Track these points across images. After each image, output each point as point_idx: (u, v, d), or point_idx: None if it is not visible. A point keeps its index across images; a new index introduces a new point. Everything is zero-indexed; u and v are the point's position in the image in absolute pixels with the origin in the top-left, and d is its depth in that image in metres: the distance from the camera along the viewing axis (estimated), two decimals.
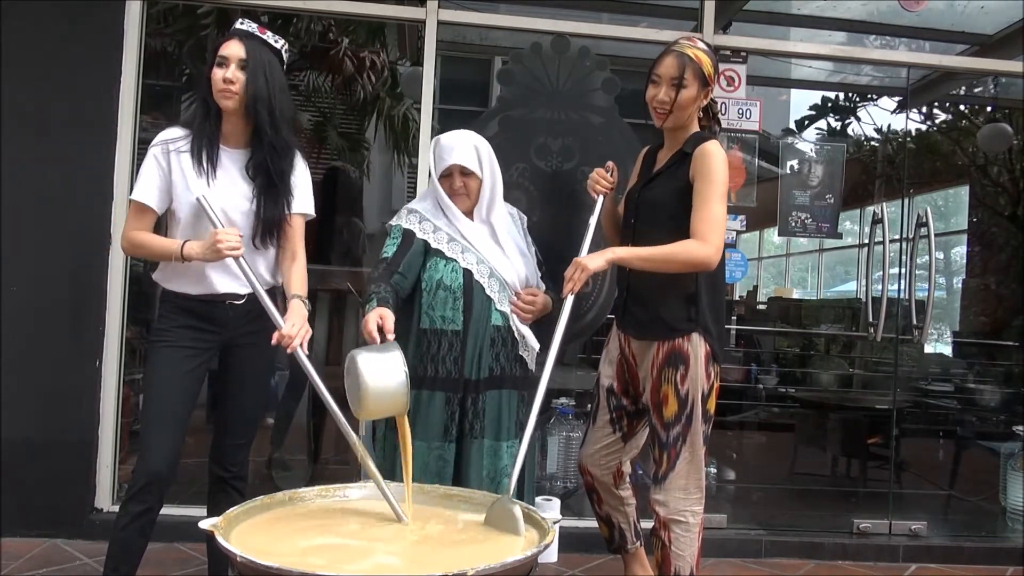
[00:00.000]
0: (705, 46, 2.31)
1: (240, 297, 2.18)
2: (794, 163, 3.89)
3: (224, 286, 2.16)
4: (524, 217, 2.62)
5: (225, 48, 2.11)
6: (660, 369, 2.27)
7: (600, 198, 2.44)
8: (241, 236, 2.05)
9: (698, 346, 2.25)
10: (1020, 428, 3.99)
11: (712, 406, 2.31)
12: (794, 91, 6.55)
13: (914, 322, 3.80)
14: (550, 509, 3.10)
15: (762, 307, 7.61)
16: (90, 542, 3.01)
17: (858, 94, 6.29)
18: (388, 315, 2.04)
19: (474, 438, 2.30)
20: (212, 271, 2.14)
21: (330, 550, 1.64)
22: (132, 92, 3.20)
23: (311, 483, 1.91)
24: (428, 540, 1.72)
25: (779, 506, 4.02)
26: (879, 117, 6.57)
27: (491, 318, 2.33)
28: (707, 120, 2.40)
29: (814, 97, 6.41)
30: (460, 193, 2.36)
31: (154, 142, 2.17)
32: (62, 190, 3.12)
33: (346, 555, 1.63)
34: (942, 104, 6.81)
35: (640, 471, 3.45)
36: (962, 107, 6.90)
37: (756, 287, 8.85)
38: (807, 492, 4.35)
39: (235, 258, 2.01)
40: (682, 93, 2.24)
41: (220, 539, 1.52)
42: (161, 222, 2.21)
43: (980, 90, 6.12)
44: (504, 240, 2.41)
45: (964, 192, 7.68)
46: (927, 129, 7.00)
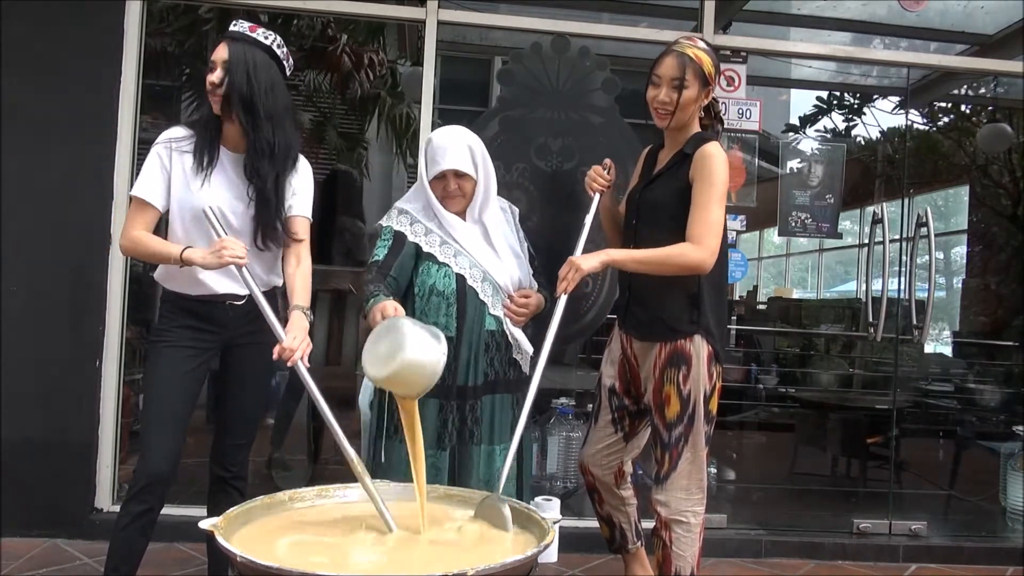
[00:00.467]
0: (705, 45, 2.30)
1: (240, 298, 2.17)
2: (794, 163, 3.90)
3: (223, 287, 2.16)
4: (516, 209, 2.58)
5: (214, 52, 2.12)
6: (662, 369, 2.27)
7: (597, 196, 2.43)
8: (247, 248, 2.04)
9: (700, 347, 2.25)
10: (1020, 428, 3.99)
11: (714, 406, 2.31)
12: (794, 91, 6.56)
13: (914, 322, 3.80)
14: (550, 509, 3.10)
15: (762, 307, 7.61)
16: (90, 542, 3.01)
17: (858, 94, 6.29)
18: (398, 307, 2.04)
19: (474, 444, 2.29)
20: (211, 272, 2.14)
21: (304, 547, 1.63)
22: (132, 92, 3.20)
23: (311, 483, 1.90)
24: (413, 540, 1.72)
25: (779, 506, 4.02)
26: (879, 117, 6.58)
27: (485, 323, 2.31)
28: (709, 119, 2.40)
29: (814, 97, 6.41)
30: (455, 195, 2.33)
31: (158, 140, 2.18)
32: (62, 190, 3.12)
33: (315, 552, 1.62)
34: (942, 104, 6.81)
35: (641, 471, 3.45)
36: (962, 107, 6.91)
37: (756, 287, 8.86)
38: (807, 492, 4.35)
39: (239, 266, 1.99)
40: (683, 94, 2.24)
41: (220, 539, 1.52)
42: (160, 224, 2.21)
43: (980, 90, 6.11)
44: (497, 241, 2.38)
45: (964, 192, 7.69)
46: (927, 129, 7.00)
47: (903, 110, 5.80)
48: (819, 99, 6.37)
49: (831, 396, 4.93)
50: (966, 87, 6.17)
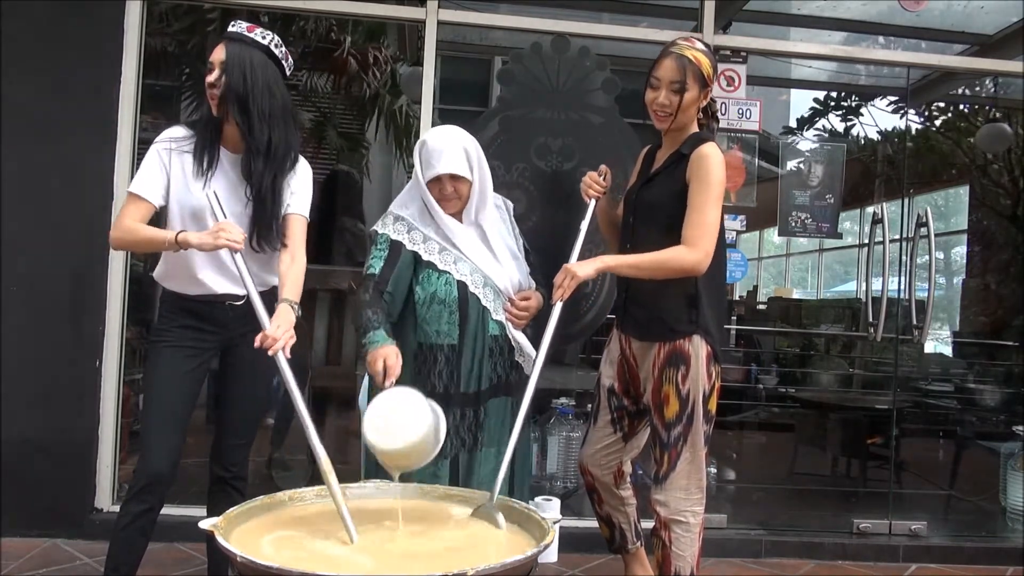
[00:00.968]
0: (704, 46, 2.29)
1: (239, 298, 2.17)
2: (794, 163, 3.90)
3: (221, 287, 2.16)
4: (510, 204, 2.54)
5: (212, 53, 2.12)
6: (661, 369, 2.27)
7: (592, 202, 2.41)
8: (245, 235, 2.03)
9: (699, 347, 2.25)
10: (1020, 428, 3.99)
11: (713, 406, 2.30)
12: (794, 91, 6.57)
13: (914, 322, 3.80)
14: (550, 509, 3.09)
15: (762, 307, 7.62)
16: (90, 542, 3.01)
17: (858, 94, 6.29)
18: (399, 355, 2.03)
19: (477, 449, 2.28)
20: (209, 272, 2.14)
21: (285, 544, 1.63)
22: (132, 92, 3.20)
23: (311, 483, 1.90)
24: (398, 539, 1.73)
25: (779, 506, 4.02)
26: (879, 117, 6.58)
27: (488, 329, 2.29)
28: (706, 119, 2.39)
29: (814, 97, 6.42)
30: (451, 198, 2.29)
31: (158, 139, 2.17)
32: (62, 190, 3.12)
33: (300, 550, 1.62)
34: (942, 104, 6.81)
35: (640, 471, 3.45)
36: (962, 107, 6.91)
37: (756, 287, 8.87)
38: (807, 492, 4.35)
39: (232, 251, 1.96)
40: (683, 96, 2.23)
41: (220, 539, 1.52)
42: (159, 224, 2.19)
43: (980, 90, 6.12)
44: (495, 244, 2.35)
45: (964, 192, 7.69)
46: (927, 129, 7.00)
47: (903, 110, 5.81)
48: (819, 99, 6.37)
49: (831, 396, 4.93)
50: (966, 87, 6.16)
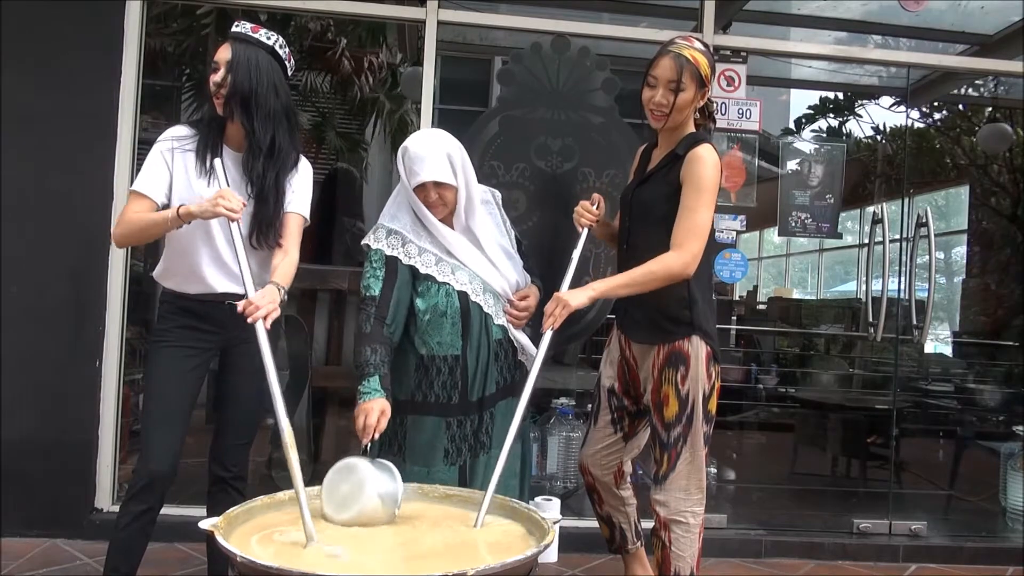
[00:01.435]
0: (702, 46, 2.27)
1: (238, 298, 2.17)
2: (794, 163, 3.89)
3: (222, 286, 2.16)
4: (497, 194, 2.48)
5: (217, 52, 2.13)
6: (661, 369, 2.27)
7: (584, 231, 2.39)
8: (245, 204, 2.04)
9: (699, 347, 2.25)
10: (1020, 428, 4.00)
11: (713, 407, 2.30)
12: (794, 91, 6.57)
13: (914, 322, 3.80)
14: (550, 509, 3.10)
15: (762, 307, 7.61)
16: (90, 542, 3.01)
17: (858, 94, 6.29)
18: (387, 412, 2.02)
19: (484, 452, 2.27)
20: (212, 269, 2.15)
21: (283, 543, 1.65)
22: (132, 92, 3.20)
23: (311, 483, 1.90)
24: (398, 539, 1.73)
25: (779, 506, 4.02)
26: (879, 117, 6.59)
27: (492, 334, 2.28)
28: (703, 118, 2.38)
29: (814, 97, 6.42)
30: (436, 205, 2.24)
31: (161, 138, 2.18)
32: (62, 190, 3.12)
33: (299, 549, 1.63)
34: (942, 104, 6.81)
35: (640, 471, 3.45)
36: (962, 107, 6.91)
37: (756, 287, 8.86)
38: (807, 492, 4.35)
39: (229, 220, 1.97)
40: (680, 96, 2.22)
41: (220, 539, 1.52)
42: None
43: (980, 90, 6.11)
44: (490, 249, 2.32)
45: (964, 192, 7.69)
46: (927, 129, 7.01)
47: (903, 110, 5.81)
48: (819, 99, 6.38)
49: (831, 396, 4.93)
50: (966, 87, 6.16)
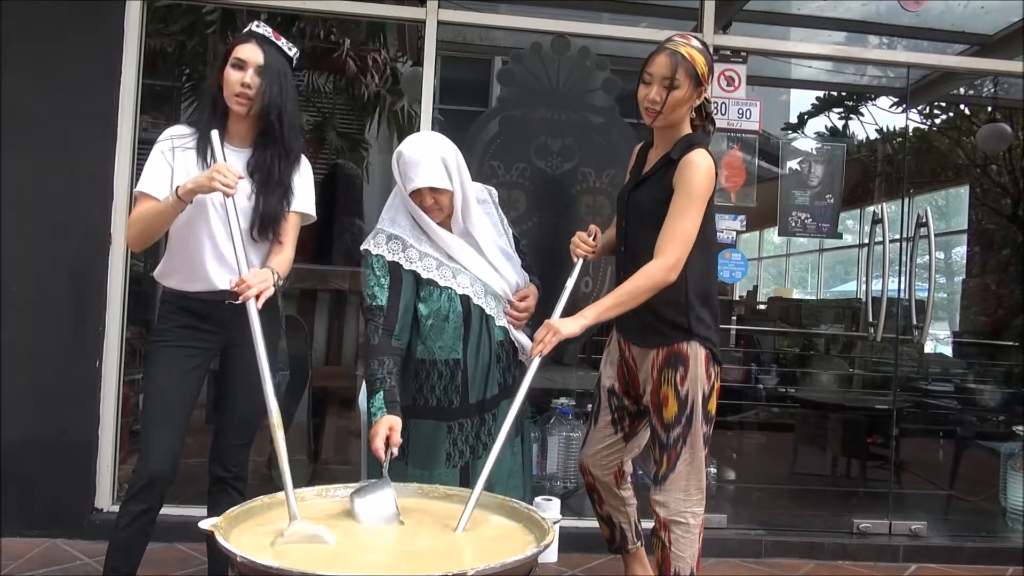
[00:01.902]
0: (700, 44, 2.24)
1: (239, 296, 2.17)
2: (794, 163, 3.89)
3: (222, 282, 2.15)
4: (494, 192, 2.46)
5: (243, 50, 2.12)
6: (660, 370, 2.26)
7: (580, 261, 2.36)
8: (241, 178, 2.04)
9: (698, 349, 2.25)
10: (1020, 428, 3.99)
11: (713, 407, 2.30)
12: (794, 91, 6.57)
13: (914, 322, 3.80)
14: (550, 509, 3.10)
15: (762, 307, 7.61)
16: (90, 542, 3.01)
17: (858, 94, 6.29)
18: (396, 426, 2.01)
19: (487, 454, 2.27)
20: (214, 264, 2.15)
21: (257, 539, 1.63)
22: (132, 92, 3.20)
23: (311, 483, 1.90)
24: (398, 539, 1.73)
25: (779, 506, 4.02)
26: (879, 117, 6.59)
27: (493, 336, 2.28)
28: (700, 120, 2.35)
29: (814, 97, 6.42)
30: (432, 209, 2.24)
31: (161, 137, 2.18)
32: (62, 190, 3.12)
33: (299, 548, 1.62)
34: (942, 104, 6.81)
35: (640, 471, 3.45)
36: (962, 107, 6.91)
37: (756, 287, 8.86)
38: (807, 492, 4.35)
39: (225, 195, 1.98)
40: (673, 93, 2.18)
41: (220, 539, 1.52)
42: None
43: (980, 90, 6.12)
44: (489, 251, 2.31)
45: (964, 192, 7.69)
46: (927, 129, 7.01)
47: (903, 110, 5.81)
48: (819, 99, 6.38)
49: (831, 396, 4.93)
50: (966, 87, 6.16)
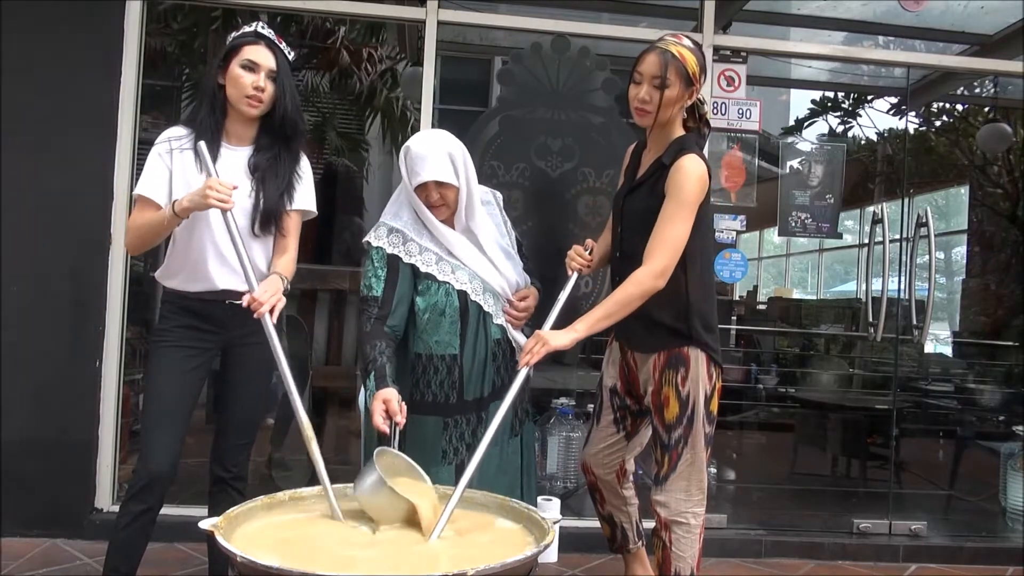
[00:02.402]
0: (691, 43, 2.22)
1: (239, 295, 2.17)
2: (794, 163, 3.89)
3: (224, 282, 2.16)
4: (499, 195, 2.47)
5: (254, 53, 2.12)
6: (661, 371, 2.26)
7: (574, 275, 2.35)
8: (236, 188, 2.04)
9: (698, 352, 2.24)
10: (1020, 428, 4.00)
11: (715, 408, 2.29)
12: (794, 91, 6.57)
13: (914, 322, 3.80)
14: (550, 509, 3.10)
15: (762, 307, 7.61)
16: (90, 542, 3.01)
17: (858, 94, 6.29)
18: (391, 397, 2.00)
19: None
20: (215, 264, 2.15)
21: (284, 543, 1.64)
22: (132, 92, 3.20)
23: (311, 483, 1.90)
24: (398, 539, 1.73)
25: (779, 506, 4.02)
26: (879, 117, 6.59)
27: (490, 334, 2.27)
28: (694, 122, 2.33)
29: (814, 97, 6.42)
30: (438, 204, 2.24)
31: (158, 140, 2.18)
32: (62, 190, 3.12)
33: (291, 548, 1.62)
34: (942, 104, 6.82)
35: (641, 471, 3.45)
36: (962, 107, 6.91)
37: (756, 287, 8.87)
38: (807, 492, 4.35)
39: (223, 211, 1.99)
40: (665, 93, 2.16)
41: (220, 539, 1.52)
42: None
43: (980, 90, 6.12)
44: (490, 250, 2.31)
45: (964, 192, 7.70)
46: (927, 129, 7.01)
47: (903, 110, 5.81)
48: (819, 99, 6.37)
49: (831, 396, 4.93)
50: (966, 87, 6.16)
